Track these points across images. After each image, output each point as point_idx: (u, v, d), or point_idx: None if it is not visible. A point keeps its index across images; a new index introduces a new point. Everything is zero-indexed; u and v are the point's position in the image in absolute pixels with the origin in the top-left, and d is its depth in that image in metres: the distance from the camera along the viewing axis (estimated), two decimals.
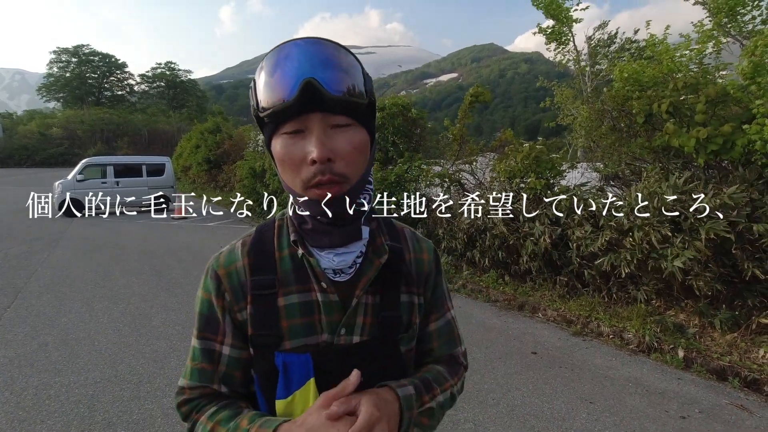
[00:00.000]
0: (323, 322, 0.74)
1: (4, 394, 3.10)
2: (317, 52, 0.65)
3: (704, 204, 3.82)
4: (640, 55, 12.44)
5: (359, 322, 0.76)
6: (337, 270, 0.75)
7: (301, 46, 0.65)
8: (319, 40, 0.67)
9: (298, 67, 0.63)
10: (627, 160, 5.45)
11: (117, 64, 74.21)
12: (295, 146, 0.67)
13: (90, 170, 13.50)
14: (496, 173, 6.38)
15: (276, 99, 0.64)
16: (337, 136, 0.67)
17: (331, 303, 0.74)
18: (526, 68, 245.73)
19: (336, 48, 0.67)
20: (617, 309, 4.56)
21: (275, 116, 0.66)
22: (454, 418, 2.87)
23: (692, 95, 4.31)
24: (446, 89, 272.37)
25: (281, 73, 0.64)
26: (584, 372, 3.55)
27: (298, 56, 0.64)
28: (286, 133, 0.67)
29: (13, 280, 5.98)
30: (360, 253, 0.77)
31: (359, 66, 0.69)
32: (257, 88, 0.67)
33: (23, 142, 52.32)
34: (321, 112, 0.65)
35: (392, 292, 0.78)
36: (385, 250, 0.78)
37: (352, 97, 0.66)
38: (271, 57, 0.66)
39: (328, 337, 0.74)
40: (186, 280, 6.12)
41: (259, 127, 0.73)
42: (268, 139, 0.71)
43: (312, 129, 0.65)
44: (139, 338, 4.10)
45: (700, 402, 3.10)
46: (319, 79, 0.62)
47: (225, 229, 10.78)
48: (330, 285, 0.74)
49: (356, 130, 0.69)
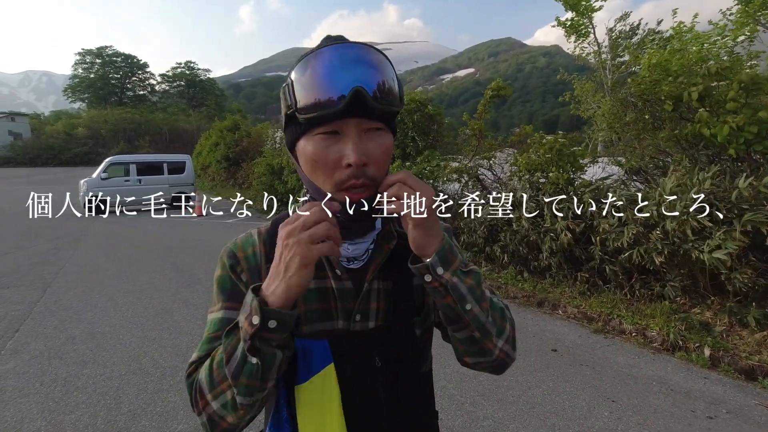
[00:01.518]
0: (338, 309, 0.76)
1: (35, 385, 3.21)
2: (364, 59, 0.66)
3: (742, 192, 3.64)
4: (664, 46, 12.10)
5: (373, 308, 0.77)
6: (351, 258, 0.77)
7: (348, 51, 0.66)
8: (364, 45, 0.68)
9: (345, 71, 0.64)
10: (651, 153, 5.31)
11: (139, 65, 75.81)
12: (329, 148, 0.67)
13: (113, 169, 13.86)
14: (517, 167, 6.29)
15: (319, 101, 0.64)
16: (370, 141, 0.69)
17: (345, 290, 0.76)
18: (544, 62, 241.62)
19: (378, 55, 0.68)
20: (640, 306, 4.46)
21: (316, 118, 0.66)
22: (473, 415, 2.86)
23: (724, 82, 4.15)
24: (463, 85, 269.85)
25: (328, 77, 0.64)
26: (606, 370, 3.48)
27: (346, 61, 0.65)
28: (321, 134, 0.67)
29: (43, 276, 6.17)
30: (373, 240, 0.79)
31: (394, 71, 0.71)
32: (295, 87, 0.67)
33: (50, 142, 53.94)
34: (360, 117, 0.66)
35: (404, 277, 0.79)
36: (394, 236, 0.80)
37: (392, 106, 0.68)
38: (315, 58, 0.66)
39: (343, 324, 0.76)
40: (206, 276, 6.23)
41: (285, 125, 0.74)
42: (296, 137, 0.72)
43: (348, 132, 0.67)
44: (161, 332, 4.19)
45: (728, 402, 3.01)
46: (367, 88, 0.64)
47: (243, 226, 10.91)
48: (344, 272, 0.76)
49: (386, 134, 0.71)
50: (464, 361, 0.80)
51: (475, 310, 0.70)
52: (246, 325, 0.61)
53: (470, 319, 0.70)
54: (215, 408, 0.67)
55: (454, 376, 3.28)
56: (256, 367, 0.62)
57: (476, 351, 0.76)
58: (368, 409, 0.75)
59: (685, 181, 4.05)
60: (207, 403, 0.68)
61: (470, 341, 0.74)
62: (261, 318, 0.60)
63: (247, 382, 0.63)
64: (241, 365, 0.62)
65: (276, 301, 0.61)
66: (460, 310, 0.69)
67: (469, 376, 3.32)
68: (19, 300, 5.12)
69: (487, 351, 0.75)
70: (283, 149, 12.77)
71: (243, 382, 0.63)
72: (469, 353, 0.77)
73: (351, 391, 0.73)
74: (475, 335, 0.73)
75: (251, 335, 0.60)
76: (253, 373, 0.62)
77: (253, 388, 0.63)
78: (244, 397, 0.64)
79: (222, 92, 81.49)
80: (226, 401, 0.66)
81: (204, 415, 0.68)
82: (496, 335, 0.75)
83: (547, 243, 5.16)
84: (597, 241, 4.73)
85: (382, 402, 0.76)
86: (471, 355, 0.77)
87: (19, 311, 4.75)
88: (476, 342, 0.74)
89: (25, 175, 34.44)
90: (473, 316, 0.70)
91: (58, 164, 50.64)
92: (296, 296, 0.62)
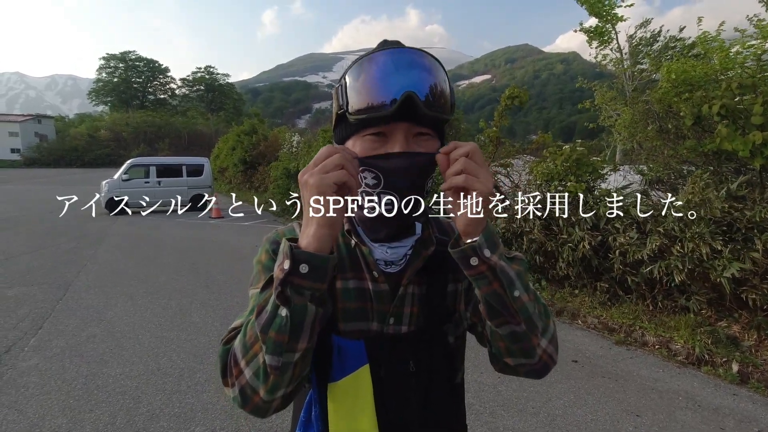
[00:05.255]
0: (374, 310, 0.76)
1: (57, 383, 3.25)
2: (419, 64, 0.67)
3: (756, 215, 3.62)
4: (686, 54, 11.87)
5: (407, 312, 0.77)
6: (389, 262, 0.78)
7: (403, 56, 0.67)
8: (419, 51, 0.68)
9: (398, 75, 0.65)
10: (674, 163, 5.19)
11: (160, 69, 77.56)
12: (377, 151, 0.69)
13: (134, 170, 14.15)
14: (534, 176, 6.21)
15: (371, 104, 0.66)
16: (417, 146, 0.69)
17: (381, 292, 0.76)
18: (562, 69, 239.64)
19: (432, 61, 0.69)
20: (663, 318, 4.34)
21: (366, 120, 0.67)
22: (492, 425, 2.80)
23: (749, 96, 4.06)
24: (479, 91, 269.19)
25: (382, 80, 0.65)
26: (629, 383, 3.39)
27: (400, 66, 0.66)
28: (370, 134, 0.69)
29: (65, 274, 6.30)
30: (411, 246, 0.79)
31: (448, 78, 0.71)
32: (348, 88, 0.68)
33: (74, 144, 55.52)
34: (410, 122, 0.67)
35: (439, 283, 0.79)
36: (433, 242, 0.80)
37: (442, 113, 0.69)
38: (370, 61, 0.67)
39: (377, 326, 0.76)
40: (223, 277, 6.28)
41: (336, 124, 0.75)
42: (345, 136, 0.73)
43: (396, 135, 0.68)
44: (179, 333, 4.22)
45: (760, 420, 2.90)
46: (419, 94, 0.64)
47: (260, 228, 11.00)
48: (381, 275, 0.77)
49: (433, 141, 0.72)
50: (504, 362, 0.75)
51: (523, 298, 0.66)
52: (278, 271, 0.60)
53: (518, 308, 0.65)
54: (248, 377, 0.64)
55: (473, 385, 3.23)
56: (286, 320, 0.59)
57: (519, 350, 0.70)
58: (399, 413, 0.74)
59: (706, 195, 3.97)
60: (240, 371, 0.64)
61: (514, 337, 0.69)
62: (291, 261, 0.58)
63: (276, 337, 0.59)
64: (271, 318, 0.60)
65: (309, 245, 0.60)
66: (508, 297, 0.64)
67: (488, 386, 3.26)
68: (43, 298, 5.23)
69: (531, 350, 0.70)
70: (300, 153, 12.88)
71: (272, 336, 0.60)
72: (511, 352, 0.71)
73: (383, 395, 0.72)
74: (520, 330, 0.67)
75: (282, 280, 0.58)
76: (282, 326, 0.59)
77: (282, 344, 0.59)
78: (272, 356, 0.60)
79: (240, 96, 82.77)
80: (258, 367, 0.62)
81: (237, 386, 0.65)
82: (541, 332, 0.70)
83: (566, 252, 5.06)
84: (617, 253, 4.64)
85: (413, 407, 0.75)
86: (513, 355, 0.71)
87: (42, 309, 4.85)
88: (520, 338, 0.68)
89: (50, 176, 35.38)
90: (521, 304, 0.66)
91: (81, 165, 52.01)
92: (329, 237, 0.61)
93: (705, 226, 3.89)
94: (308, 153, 11.93)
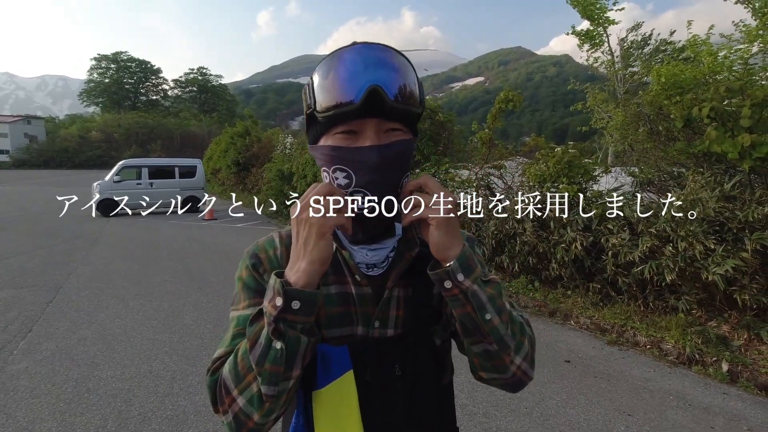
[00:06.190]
0: (358, 314, 0.76)
1: (47, 386, 3.22)
2: (381, 58, 0.66)
3: (748, 216, 3.67)
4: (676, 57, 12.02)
5: (392, 315, 0.77)
6: (370, 264, 0.76)
7: (365, 52, 0.66)
8: (382, 46, 0.68)
9: (363, 72, 0.64)
10: (665, 164, 5.25)
11: (152, 70, 77.05)
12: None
13: (126, 172, 14.03)
14: (526, 177, 6.25)
15: (337, 101, 0.65)
16: (389, 141, 0.69)
17: (364, 295, 0.76)
18: (555, 71, 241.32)
19: (397, 56, 0.68)
20: (654, 318, 4.38)
21: (334, 117, 0.67)
22: (486, 426, 2.81)
23: (737, 99, 4.12)
24: (472, 93, 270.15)
25: (345, 77, 0.65)
26: (621, 383, 3.42)
27: (363, 61, 0.65)
28: (341, 132, 0.68)
29: (56, 276, 6.23)
30: (393, 248, 0.78)
31: (415, 74, 0.71)
32: (315, 88, 0.68)
33: (64, 145, 54.96)
34: (378, 117, 0.67)
35: (425, 285, 0.77)
36: (417, 244, 0.79)
37: (410, 106, 0.68)
38: (333, 59, 0.67)
39: (362, 330, 0.76)
40: (216, 278, 6.25)
41: (308, 125, 0.75)
42: (317, 136, 0.73)
43: (366, 132, 0.67)
44: (171, 335, 4.19)
45: (749, 419, 2.93)
46: (384, 87, 0.64)
47: (253, 230, 10.96)
48: (363, 278, 0.76)
49: (405, 135, 0.71)
50: (479, 375, 0.78)
51: (494, 321, 0.68)
52: (269, 308, 0.61)
53: (489, 330, 0.68)
54: (241, 405, 0.65)
55: (467, 386, 3.24)
56: (281, 352, 0.61)
57: (492, 366, 0.73)
58: (386, 417, 0.73)
59: (699, 196, 4.02)
60: (233, 400, 0.66)
61: (487, 355, 0.72)
62: (284, 299, 0.59)
63: (272, 369, 0.61)
64: (266, 351, 0.61)
65: (299, 280, 0.61)
66: (479, 319, 0.67)
67: (481, 386, 3.27)
68: (33, 300, 5.17)
69: (503, 367, 0.73)
70: (294, 155, 12.84)
71: (267, 368, 0.61)
72: (484, 368, 0.75)
73: (369, 399, 0.71)
74: (492, 348, 0.70)
75: (275, 317, 0.60)
76: (277, 358, 0.61)
77: (278, 375, 0.62)
78: (268, 386, 0.62)
79: (233, 98, 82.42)
80: (252, 395, 0.64)
81: (230, 413, 0.66)
82: (514, 351, 0.72)
83: (559, 253, 5.10)
84: (609, 254, 4.68)
85: (400, 411, 0.74)
86: (487, 370, 0.75)
87: (32, 311, 4.79)
88: (493, 357, 0.71)
89: (43, 177, 35.02)
90: (492, 327, 0.68)
91: (72, 167, 51.49)
92: (318, 273, 0.63)
93: (698, 225, 3.93)
94: (301, 155, 11.90)
